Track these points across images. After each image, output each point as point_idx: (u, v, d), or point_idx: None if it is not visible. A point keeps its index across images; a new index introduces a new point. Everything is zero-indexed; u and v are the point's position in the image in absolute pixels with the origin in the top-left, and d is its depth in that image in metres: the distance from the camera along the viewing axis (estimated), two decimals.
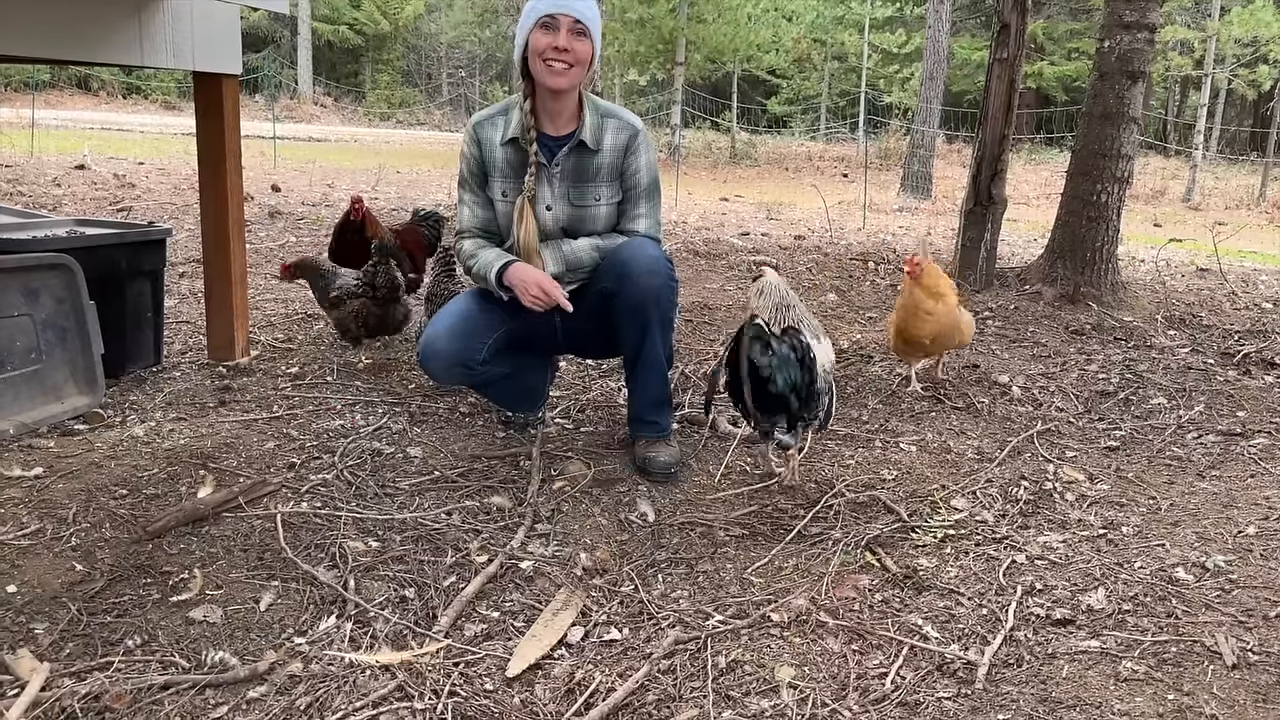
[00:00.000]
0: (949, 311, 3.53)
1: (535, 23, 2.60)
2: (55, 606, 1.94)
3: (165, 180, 9.90)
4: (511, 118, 2.74)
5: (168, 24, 3.15)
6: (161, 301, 3.47)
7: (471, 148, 2.79)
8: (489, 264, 2.74)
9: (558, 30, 2.57)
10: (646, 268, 2.65)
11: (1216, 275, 6.87)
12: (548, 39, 2.58)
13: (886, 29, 25.77)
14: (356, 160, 15.29)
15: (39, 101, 17.25)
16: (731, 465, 2.91)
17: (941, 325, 3.53)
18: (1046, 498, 2.75)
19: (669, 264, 2.72)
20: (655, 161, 2.83)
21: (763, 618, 2.07)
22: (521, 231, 2.74)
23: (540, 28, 2.59)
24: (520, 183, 2.75)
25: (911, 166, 15.64)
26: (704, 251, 6.91)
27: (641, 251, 2.68)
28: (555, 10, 2.58)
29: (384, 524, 2.37)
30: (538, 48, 2.59)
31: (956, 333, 3.62)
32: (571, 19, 2.58)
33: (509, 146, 2.74)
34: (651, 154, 2.80)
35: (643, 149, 2.76)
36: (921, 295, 3.49)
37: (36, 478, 2.48)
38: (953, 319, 3.55)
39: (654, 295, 2.66)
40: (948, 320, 3.54)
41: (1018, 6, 5.46)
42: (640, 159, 2.76)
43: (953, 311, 3.54)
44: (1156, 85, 24.05)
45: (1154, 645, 1.99)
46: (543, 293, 2.65)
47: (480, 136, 2.77)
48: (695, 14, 20.77)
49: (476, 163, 2.79)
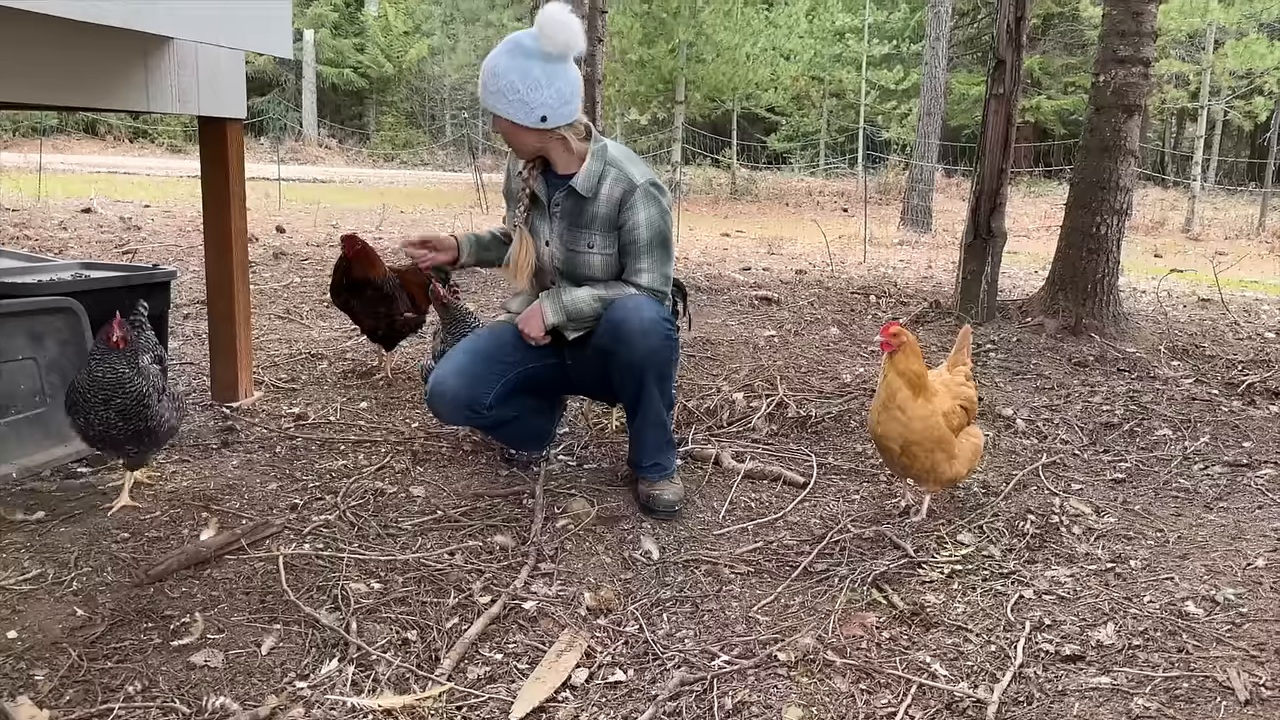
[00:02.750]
0: (928, 417, 2.61)
1: None
2: (55, 652, 1.93)
3: (171, 223, 9.98)
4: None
5: (174, 70, 3.20)
6: (166, 343, 3.48)
7: (505, 177, 2.98)
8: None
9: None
10: (640, 329, 2.63)
11: (1218, 305, 6.87)
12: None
13: (884, 66, 26.06)
14: (361, 201, 15.41)
15: (46, 146, 17.46)
16: (736, 501, 2.90)
17: (914, 434, 2.60)
18: (1053, 531, 2.73)
19: (667, 323, 2.69)
20: (658, 217, 2.72)
21: (769, 657, 2.05)
22: (512, 250, 2.84)
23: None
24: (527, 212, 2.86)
25: (911, 201, 15.73)
26: (706, 286, 6.93)
27: (636, 313, 2.64)
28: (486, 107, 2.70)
29: (386, 565, 2.36)
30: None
31: (940, 451, 2.63)
32: (494, 116, 2.69)
33: (519, 178, 2.84)
34: (653, 210, 2.70)
35: (640, 205, 2.68)
36: (895, 381, 2.62)
37: (39, 521, 2.47)
38: (934, 430, 2.61)
39: (649, 356, 2.66)
40: (924, 430, 2.60)
41: (1013, 43, 5.52)
42: (638, 215, 2.68)
43: (935, 419, 2.62)
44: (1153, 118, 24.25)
45: (1165, 681, 1.97)
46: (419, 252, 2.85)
47: (509, 167, 2.95)
48: (695, 54, 21.04)
49: (507, 191, 2.97)
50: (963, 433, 2.74)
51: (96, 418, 2.45)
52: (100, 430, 2.47)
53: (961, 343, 2.94)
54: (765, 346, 4.81)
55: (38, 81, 2.80)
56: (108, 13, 2.46)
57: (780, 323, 5.58)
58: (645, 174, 2.73)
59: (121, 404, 2.45)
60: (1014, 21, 5.47)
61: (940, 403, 2.67)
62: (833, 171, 27.94)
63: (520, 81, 2.58)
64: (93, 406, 2.44)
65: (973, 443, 2.79)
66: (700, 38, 20.65)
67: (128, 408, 2.46)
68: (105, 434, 2.48)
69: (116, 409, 2.45)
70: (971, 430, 2.82)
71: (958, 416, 2.71)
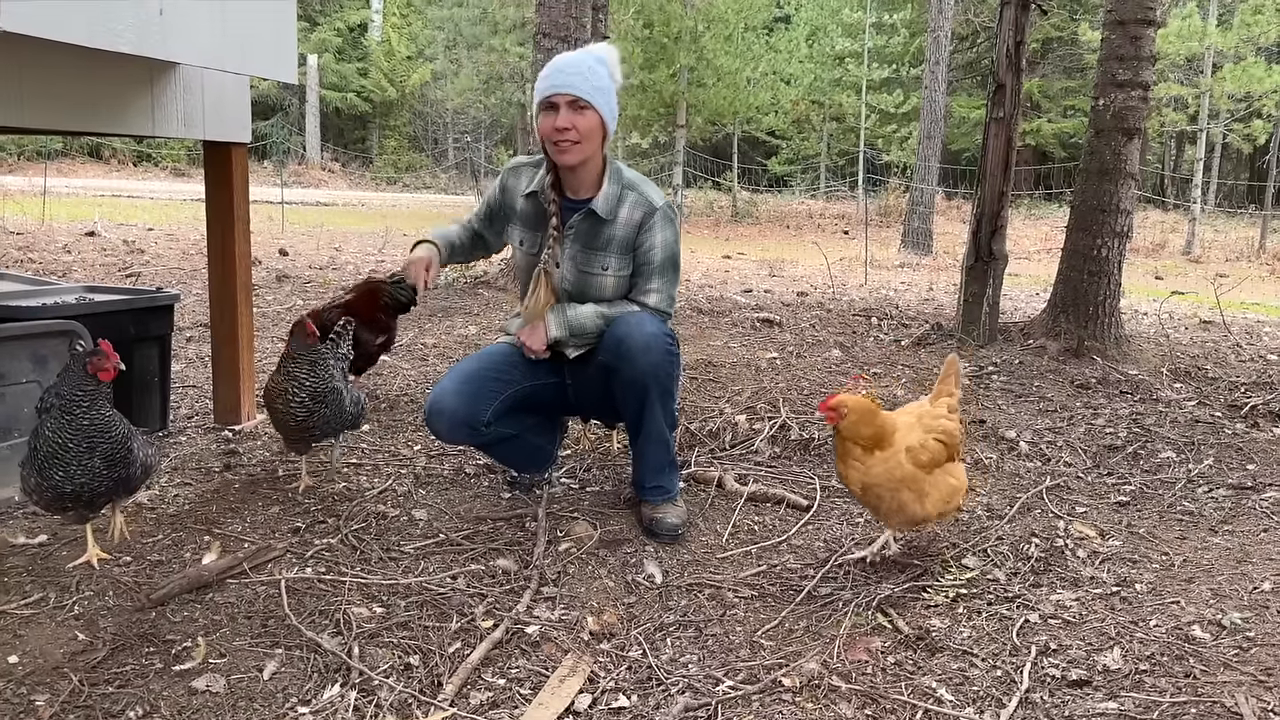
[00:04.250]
0: (888, 459, 2.47)
1: (539, 108, 2.66)
2: (57, 677, 1.92)
3: (174, 246, 10.02)
4: (540, 173, 2.79)
5: (179, 95, 3.22)
6: (169, 366, 3.49)
7: (496, 190, 2.91)
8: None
9: (557, 111, 2.60)
10: (642, 344, 2.63)
11: (1220, 327, 6.88)
12: (549, 121, 2.61)
13: (884, 90, 26.21)
14: (364, 224, 15.47)
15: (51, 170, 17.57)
16: (739, 524, 2.89)
17: (874, 477, 2.48)
18: (1058, 555, 2.72)
19: (668, 339, 2.70)
20: (674, 239, 2.77)
21: (774, 682, 2.03)
22: (533, 299, 2.79)
23: (543, 111, 2.65)
24: (537, 235, 2.81)
25: (911, 223, 15.80)
26: (708, 309, 6.94)
27: (639, 329, 2.66)
28: (552, 92, 2.61)
29: (388, 589, 2.35)
30: (543, 132, 2.64)
31: (907, 491, 2.48)
32: (569, 97, 2.59)
33: (530, 199, 2.81)
34: (669, 233, 2.74)
35: (659, 227, 2.72)
36: (845, 445, 2.49)
37: (40, 545, 2.47)
38: (896, 472, 2.47)
39: (652, 372, 2.66)
40: (885, 473, 2.47)
41: (1012, 67, 5.56)
42: (656, 237, 2.72)
43: (896, 461, 2.47)
44: (1152, 140, 24.37)
45: (1173, 707, 1.95)
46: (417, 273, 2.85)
47: (507, 183, 2.88)
48: (696, 79, 21.19)
49: (495, 203, 2.92)
50: (940, 470, 2.52)
51: (79, 469, 2.20)
52: (83, 483, 2.22)
53: (947, 372, 2.71)
54: (767, 368, 4.81)
55: (46, 107, 2.82)
56: (118, 40, 2.48)
57: (782, 345, 5.59)
58: (661, 196, 2.77)
59: (108, 449, 2.24)
60: (1013, 46, 5.52)
61: (907, 437, 2.50)
62: (833, 194, 28.04)
63: (609, 85, 2.65)
64: (75, 456, 2.19)
65: (949, 482, 2.54)
66: (701, 62, 20.81)
67: (114, 453, 2.25)
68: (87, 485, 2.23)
69: (103, 455, 2.23)
70: (952, 468, 2.57)
71: (928, 452, 2.50)
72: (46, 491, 2.22)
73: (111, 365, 2.24)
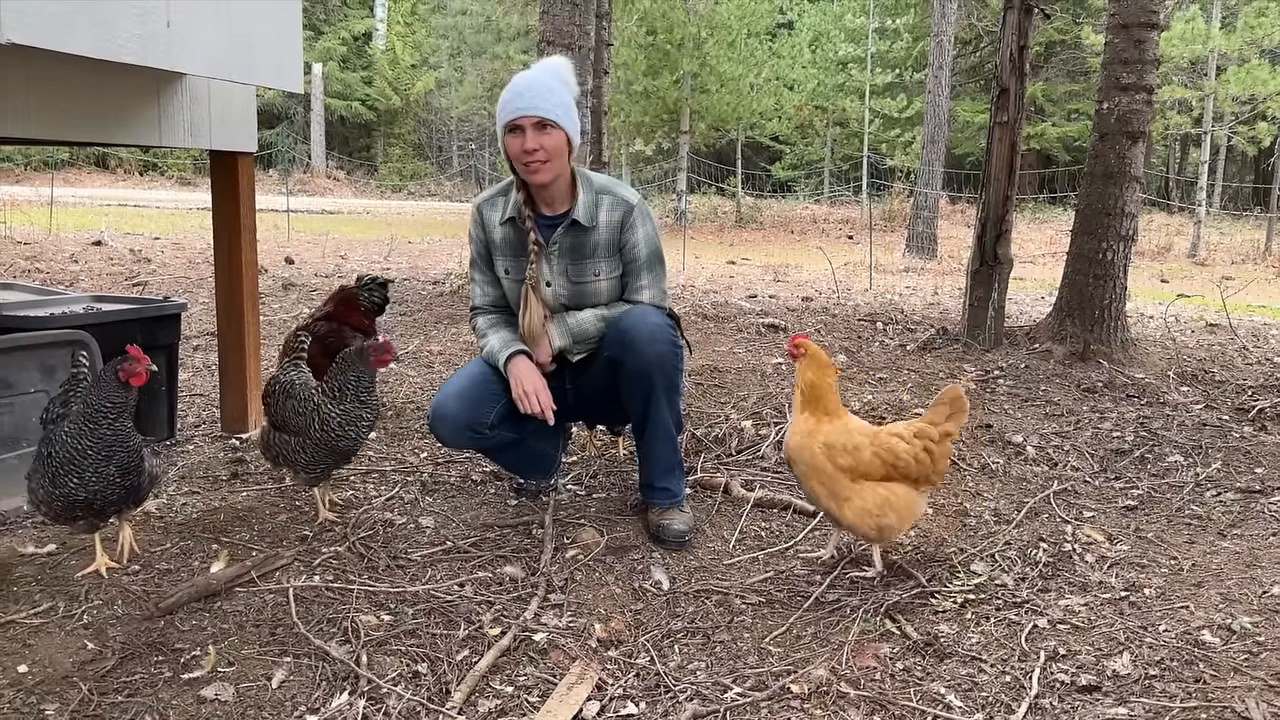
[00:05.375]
0: (804, 435, 2.44)
1: (504, 130, 2.66)
2: (66, 686, 1.92)
3: (180, 255, 10.05)
4: (510, 198, 2.78)
5: (186, 105, 3.24)
6: (176, 375, 3.50)
7: (476, 229, 2.86)
8: (495, 352, 2.81)
9: (524, 133, 2.60)
10: (648, 335, 2.66)
11: (1226, 330, 6.86)
12: (517, 143, 2.61)
13: (887, 95, 26.24)
14: (369, 232, 15.51)
15: (57, 180, 17.64)
16: (746, 530, 2.89)
17: (790, 449, 2.48)
18: (1066, 559, 2.72)
19: (672, 330, 2.73)
20: (654, 233, 2.82)
21: (782, 689, 2.03)
22: (526, 318, 2.79)
23: (509, 134, 2.64)
24: (521, 261, 2.80)
25: (916, 228, 15.78)
26: (712, 315, 6.94)
27: (643, 320, 2.69)
28: (517, 115, 2.60)
29: (396, 597, 2.35)
30: (511, 153, 2.65)
31: (818, 484, 2.44)
32: (534, 119, 2.59)
33: (508, 225, 2.80)
34: (649, 226, 2.80)
35: (639, 223, 2.76)
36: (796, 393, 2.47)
37: (49, 554, 2.48)
38: (806, 454, 2.43)
39: (657, 362, 2.67)
40: (797, 447, 2.46)
41: (1016, 71, 5.56)
42: (637, 233, 2.77)
43: (809, 442, 2.44)
44: (1157, 144, 24.36)
45: (1183, 712, 1.94)
46: (530, 398, 2.71)
47: (483, 218, 2.84)
48: (699, 85, 21.24)
49: (482, 244, 2.87)
50: (878, 484, 2.45)
51: (95, 476, 2.20)
52: (96, 490, 2.22)
53: (939, 401, 2.54)
54: (773, 374, 4.81)
55: (54, 119, 2.84)
56: (124, 51, 2.49)
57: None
58: (634, 193, 2.81)
59: (124, 458, 2.24)
60: (1016, 50, 5.51)
61: (829, 433, 2.44)
62: (837, 199, 28.06)
63: (570, 100, 2.66)
64: (91, 464, 2.20)
65: (882, 495, 2.43)
66: (704, 69, 20.86)
67: (129, 462, 2.26)
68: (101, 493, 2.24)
69: (119, 464, 2.23)
70: (895, 487, 2.46)
71: (849, 456, 2.42)
72: (57, 501, 2.22)
73: (144, 368, 2.24)
